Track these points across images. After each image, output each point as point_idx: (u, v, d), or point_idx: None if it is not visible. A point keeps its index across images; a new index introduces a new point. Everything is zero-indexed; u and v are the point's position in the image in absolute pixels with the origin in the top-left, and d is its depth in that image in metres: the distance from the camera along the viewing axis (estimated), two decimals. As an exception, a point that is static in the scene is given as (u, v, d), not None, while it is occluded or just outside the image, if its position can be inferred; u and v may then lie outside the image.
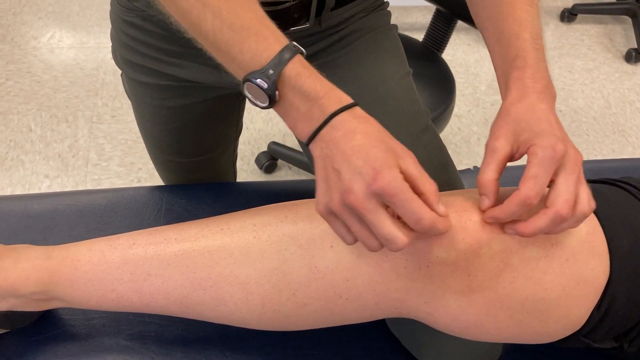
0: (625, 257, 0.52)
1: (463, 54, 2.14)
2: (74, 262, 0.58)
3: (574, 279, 0.51)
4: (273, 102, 0.48)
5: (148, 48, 0.74)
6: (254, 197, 0.87)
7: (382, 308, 0.55)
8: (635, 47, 2.17)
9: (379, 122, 0.69)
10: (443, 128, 1.30)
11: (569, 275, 0.51)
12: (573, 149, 0.48)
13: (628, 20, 2.32)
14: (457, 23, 1.31)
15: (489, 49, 0.60)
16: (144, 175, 1.63)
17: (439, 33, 1.33)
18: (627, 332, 0.55)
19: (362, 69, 0.72)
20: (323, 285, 0.54)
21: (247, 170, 1.66)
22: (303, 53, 0.49)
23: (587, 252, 0.52)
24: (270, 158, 1.67)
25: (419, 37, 1.38)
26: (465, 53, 2.15)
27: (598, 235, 0.53)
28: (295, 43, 0.48)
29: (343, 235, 0.48)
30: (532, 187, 0.46)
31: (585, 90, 2.05)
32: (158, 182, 1.00)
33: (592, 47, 2.24)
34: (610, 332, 0.55)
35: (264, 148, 1.71)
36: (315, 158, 0.48)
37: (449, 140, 1.82)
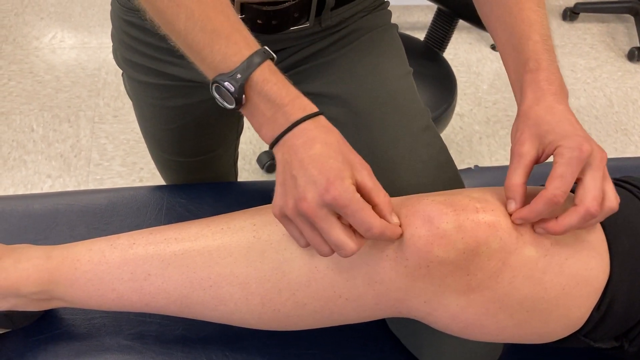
0: (626, 256, 0.52)
1: (465, 53, 2.14)
2: (74, 262, 0.59)
3: (574, 279, 0.51)
4: (240, 104, 0.50)
5: (148, 47, 0.74)
6: (256, 196, 0.87)
7: (381, 308, 0.55)
8: (638, 45, 2.17)
9: (379, 121, 0.70)
10: (445, 127, 1.29)
11: (569, 275, 0.51)
12: (597, 147, 0.50)
13: (630, 19, 2.32)
14: (458, 22, 1.31)
15: (500, 50, 0.61)
16: (146, 175, 1.63)
17: (441, 32, 1.33)
18: (627, 331, 0.55)
19: (362, 69, 0.72)
20: (323, 285, 0.54)
21: (248, 170, 1.66)
22: (273, 58, 0.50)
23: (587, 251, 0.52)
24: (272, 158, 1.67)
25: (421, 36, 1.38)
26: (467, 52, 2.14)
27: (598, 235, 0.53)
28: (267, 48, 0.50)
29: (297, 238, 0.51)
30: (558, 186, 0.47)
31: (588, 89, 2.04)
32: (160, 181, 1.01)
33: (594, 45, 2.23)
34: (611, 331, 0.55)
35: (266, 147, 1.71)
36: (277, 162, 0.50)
37: (451, 140, 1.82)
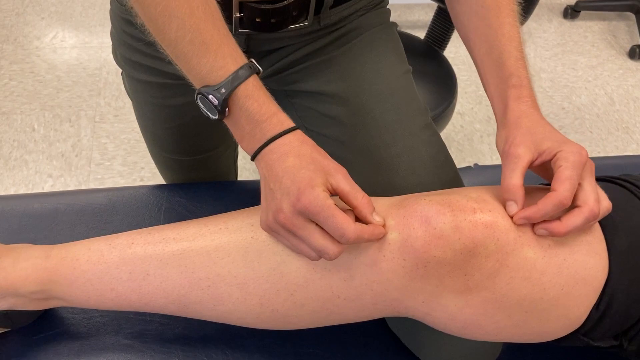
0: (624, 255, 0.52)
1: (465, 52, 2.11)
2: (73, 261, 0.59)
3: (573, 279, 0.51)
4: (223, 115, 0.51)
5: (148, 46, 0.74)
6: (256, 196, 0.86)
7: (380, 308, 0.55)
8: (639, 43, 2.16)
9: (378, 119, 0.69)
10: (445, 126, 1.29)
11: (567, 275, 0.51)
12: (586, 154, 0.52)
13: (632, 17, 2.31)
14: (458, 20, 1.31)
15: (477, 60, 0.62)
16: (147, 175, 1.63)
17: (441, 30, 1.32)
18: (626, 330, 0.55)
19: (361, 67, 0.72)
20: (321, 286, 0.54)
21: (249, 169, 1.65)
22: (259, 72, 0.52)
23: (585, 251, 0.51)
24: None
25: (421, 34, 1.38)
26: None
27: (596, 234, 0.53)
28: (253, 61, 0.52)
29: (289, 247, 0.52)
30: (568, 188, 0.48)
31: (589, 87, 2.04)
32: (161, 181, 1.00)
33: (595, 43, 2.23)
34: (610, 330, 0.54)
35: (266, 146, 1.70)
36: (260, 176, 0.52)
37: (452, 138, 1.82)
